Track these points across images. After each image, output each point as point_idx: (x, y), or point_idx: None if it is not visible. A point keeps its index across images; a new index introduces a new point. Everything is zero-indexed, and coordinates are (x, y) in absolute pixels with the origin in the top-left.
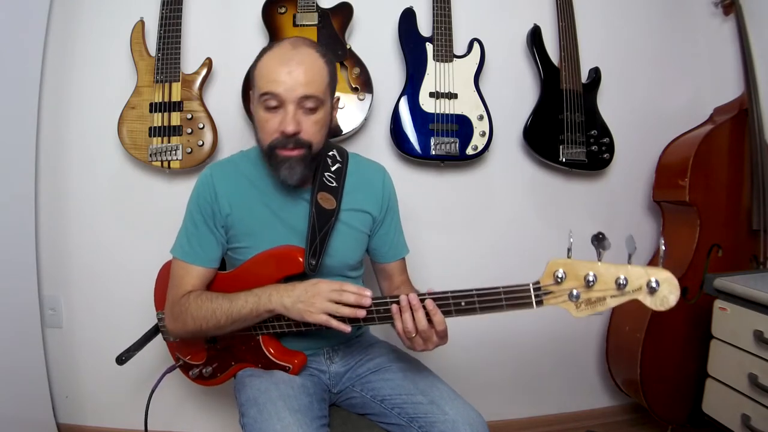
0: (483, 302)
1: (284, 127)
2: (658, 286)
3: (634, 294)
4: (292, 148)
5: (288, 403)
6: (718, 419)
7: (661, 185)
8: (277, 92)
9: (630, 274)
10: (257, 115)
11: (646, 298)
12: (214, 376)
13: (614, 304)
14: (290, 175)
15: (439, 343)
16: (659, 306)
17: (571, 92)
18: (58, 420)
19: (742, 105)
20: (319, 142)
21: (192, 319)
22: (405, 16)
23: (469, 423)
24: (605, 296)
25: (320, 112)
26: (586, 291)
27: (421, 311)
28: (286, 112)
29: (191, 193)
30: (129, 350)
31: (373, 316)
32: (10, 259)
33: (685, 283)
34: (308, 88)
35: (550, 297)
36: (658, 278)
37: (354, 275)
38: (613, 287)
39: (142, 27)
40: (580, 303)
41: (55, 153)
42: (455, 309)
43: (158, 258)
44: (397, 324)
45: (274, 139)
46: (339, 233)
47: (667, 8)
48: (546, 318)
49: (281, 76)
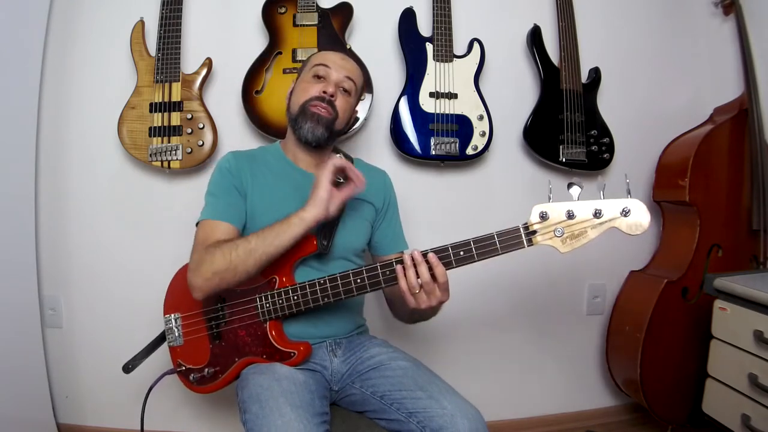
0: (480, 248)
1: (326, 88)
2: (629, 211)
3: (612, 222)
4: (324, 106)
5: (289, 399)
6: (718, 419)
7: (661, 185)
8: (329, 65)
9: (604, 205)
10: (302, 82)
11: (622, 224)
12: (216, 377)
13: (595, 234)
14: (314, 129)
15: (442, 298)
16: (635, 230)
17: (571, 92)
18: (58, 420)
19: (742, 105)
20: (342, 121)
21: (224, 261)
22: (405, 16)
23: (468, 417)
24: (586, 228)
25: (351, 98)
26: (568, 225)
27: (424, 265)
28: (329, 81)
29: (212, 174)
30: (135, 358)
31: (378, 279)
32: (10, 259)
33: (685, 283)
34: (351, 74)
35: (538, 235)
36: (628, 204)
37: (357, 261)
38: (591, 218)
39: (142, 27)
40: (565, 238)
41: (55, 153)
42: (455, 259)
43: (158, 257)
44: (401, 282)
45: (312, 96)
46: (347, 219)
47: (667, 8)
48: (546, 317)
49: (336, 58)
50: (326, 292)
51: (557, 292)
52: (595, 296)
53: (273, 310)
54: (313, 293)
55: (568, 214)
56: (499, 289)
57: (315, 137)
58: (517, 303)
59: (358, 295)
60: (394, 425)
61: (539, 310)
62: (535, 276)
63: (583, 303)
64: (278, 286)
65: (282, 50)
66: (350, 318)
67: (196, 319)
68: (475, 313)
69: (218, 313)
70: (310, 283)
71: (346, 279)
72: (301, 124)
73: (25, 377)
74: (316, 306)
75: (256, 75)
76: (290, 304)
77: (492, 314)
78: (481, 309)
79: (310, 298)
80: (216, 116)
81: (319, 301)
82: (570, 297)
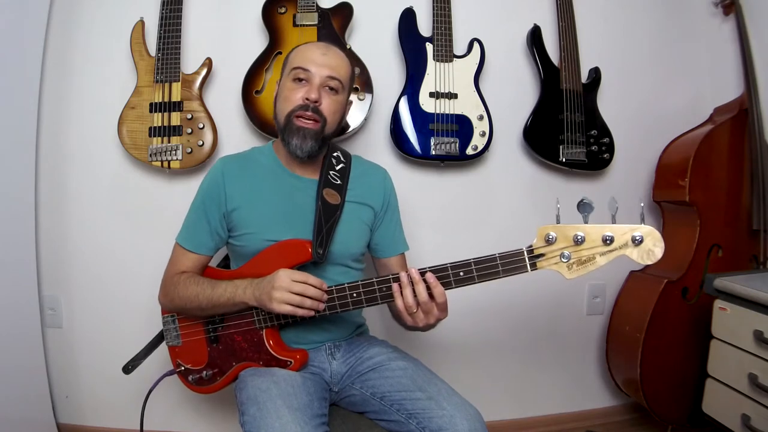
0: (480, 270)
1: (308, 95)
2: (642, 240)
3: (621, 250)
4: (309, 117)
5: (287, 401)
6: (718, 419)
7: (661, 185)
8: (308, 67)
9: (615, 231)
10: (284, 88)
11: (632, 252)
12: (214, 379)
13: (604, 261)
14: (301, 144)
15: (440, 317)
16: (646, 259)
17: (571, 92)
18: (58, 420)
19: (742, 105)
20: (332, 123)
21: (179, 298)
22: (405, 16)
23: (467, 418)
24: (594, 254)
25: (340, 96)
26: (576, 250)
27: (422, 284)
28: (312, 84)
29: (201, 183)
30: (135, 359)
31: (375, 295)
32: (10, 259)
33: (685, 283)
34: (335, 71)
35: (543, 260)
36: (641, 232)
37: (356, 267)
38: (601, 244)
39: (142, 27)
40: (572, 263)
41: (55, 153)
42: (454, 279)
43: (158, 257)
44: (398, 301)
45: (295, 106)
46: (343, 224)
47: (667, 8)
48: (546, 318)
49: (315, 56)
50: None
51: (557, 292)
52: (595, 296)
53: (269, 318)
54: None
55: (575, 238)
56: (499, 289)
57: (305, 152)
58: (517, 303)
59: (354, 309)
60: (394, 426)
61: (539, 310)
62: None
63: (583, 303)
64: None
65: (282, 50)
66: (349, 321)
67: (193, 321)
68: (475, 313)
69: (215, 317)
70: None
71: (342, 293)
72: (288, 140)
73: (25, 377)
74: (311, 318)
75: (256, 75)
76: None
77: (492, 314)
78: (481, 309)
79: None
80: (216, 116)
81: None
82: (570, 297)
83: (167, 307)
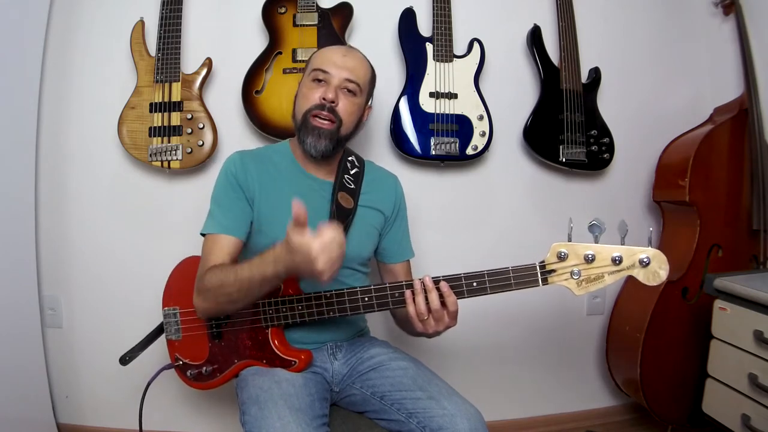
0: (493, 282)
1: (326, 95)
2: (649, 262)
3: (629, 270)
4: (325, 117)
5: (289, 401)
6: (718, 419)
7: (661, 185)
8: (327, 69)
9: (624, 252)
10: (303, 88)
11: (639, 273)
12: (214, 376)
13: (612, 280)
14: (316, 143)
15: (450, 324)
16: (652, 280)
17: (571, 92)
18: (58, 420)
19: (742, 105)
20: (349, 125)
21: (213, 294)
22: (405, 16)
23: (467, 417)
24: (603, 273)
25: (357, 98)
26: (586, 268)
27: (435, 293)
28: (330, 85)
29: (218, 175)
30: (133, 350)
31: (387, 300)
32: (10, 259)
33: (685, 283)
34: (353, 74)
35: (554, 275)
36: (648, 254)
37: (363, 270)
38: (610, 264)
39: (142, 27)
40: (581, 280)
41: (55, 153)
42: (467, 290)
43: (158, 257)
44: (410, 308)
45: (312, 105)
46: (355, 228)
47: (667, 8)
48: (546, 318)
49: (336, 57)
50: (332, 306)
51: (557, 292)
52: (595, 296)
53: (276, 318)
54: (319, 306)
55: (586, 257)
56: None
57: (318, 152)
58: (517, 303)
59: (364, 313)
60: (395, 426)
61: (539, 310)
62: None
63: (583, 303)
64: (282, 293)
65: (282, 50)
66: (352, 323)
67: (196, 316)
68: (475, 313)
69: None
70: (316, 295)
71: (353, 296)
72: (304, 138)
73: (25, 377)
74: (320, 319)
75: (256, 75)
76: (294, 314)
77: (492, 315)
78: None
79: (315, 310)
80: (216, 116)
81: (324, 314)
82: (570, 297)
83: (202, 308)
